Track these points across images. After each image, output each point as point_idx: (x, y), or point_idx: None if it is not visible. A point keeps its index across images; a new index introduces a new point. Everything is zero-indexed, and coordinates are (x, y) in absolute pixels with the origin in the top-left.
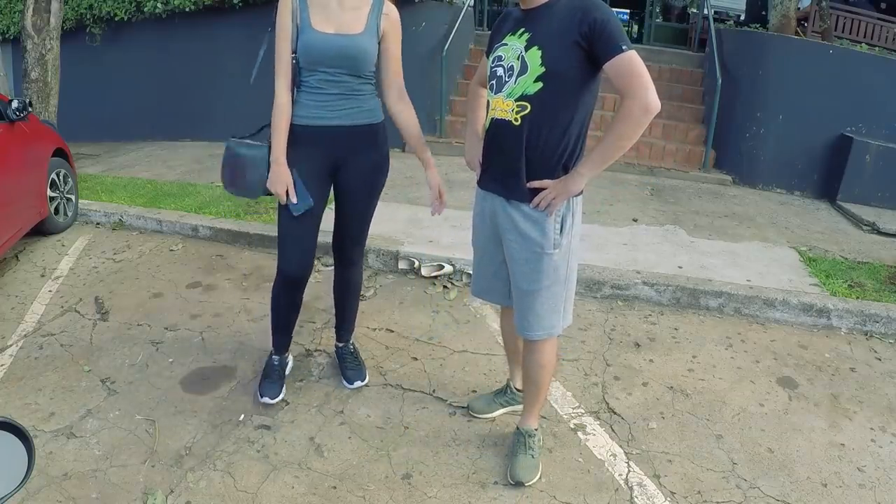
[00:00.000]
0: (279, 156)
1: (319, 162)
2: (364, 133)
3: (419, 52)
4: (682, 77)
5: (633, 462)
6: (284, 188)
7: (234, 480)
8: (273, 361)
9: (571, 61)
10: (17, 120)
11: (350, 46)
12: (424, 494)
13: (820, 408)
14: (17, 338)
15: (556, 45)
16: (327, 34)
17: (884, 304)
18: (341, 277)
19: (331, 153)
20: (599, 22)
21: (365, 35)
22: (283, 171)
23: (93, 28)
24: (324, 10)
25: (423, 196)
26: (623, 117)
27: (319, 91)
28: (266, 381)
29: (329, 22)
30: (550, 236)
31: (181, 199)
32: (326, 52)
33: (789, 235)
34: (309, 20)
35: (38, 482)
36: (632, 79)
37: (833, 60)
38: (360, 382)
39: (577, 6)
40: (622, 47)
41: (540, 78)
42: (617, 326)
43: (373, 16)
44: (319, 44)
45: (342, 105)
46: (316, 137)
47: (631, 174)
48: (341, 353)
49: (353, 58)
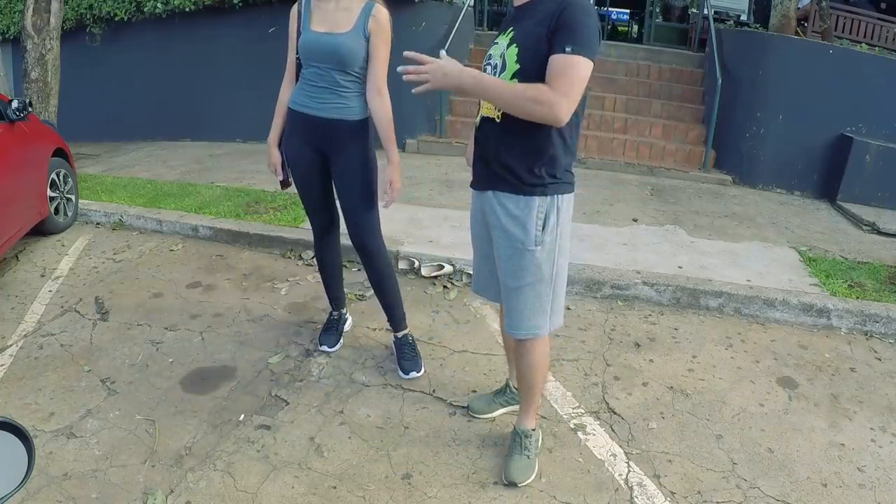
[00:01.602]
0: (271, 138)
1: (307, 145)
2: (346, 128)
3: (419, 51)
4: (682, 77)
5: (633, 462)
6: (273, 167)
7: (234, 480)
8: (333, 316)
9: (543, 58)
10: (17, 120)
11: (336, 44)
12: (424, 494)
13: (820, 408)
14: (17, 338)
15: (531, 43)
16: (319, 33)
17: (884, 304)
18: (370, 268)
19: (313, 141)
20: (568, 18)
21: (351, 34)
22: (273, 152)
23: (93, 28)
24: (322, 12)
25: (423, 196)
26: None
27: (310, 83)
28: (325, 333)
29: (324, 22)
30: (532, 233)
31: (181, 199)
32: (316, 49)
33: (789, 235)
34: (309, 22)
35: (38, 482)
36: (559, 80)
37: (833, 60)
38: (415, 373)
39: (559, 3)
40: (566, 48)
41: (515, 75)
42: (617, 326)
43: (361, 16)
44: (312, 42)
45: (325, 98)
46: (301, 123)
47: (631, 174)
48: (397, 343)
49: (337, 55)
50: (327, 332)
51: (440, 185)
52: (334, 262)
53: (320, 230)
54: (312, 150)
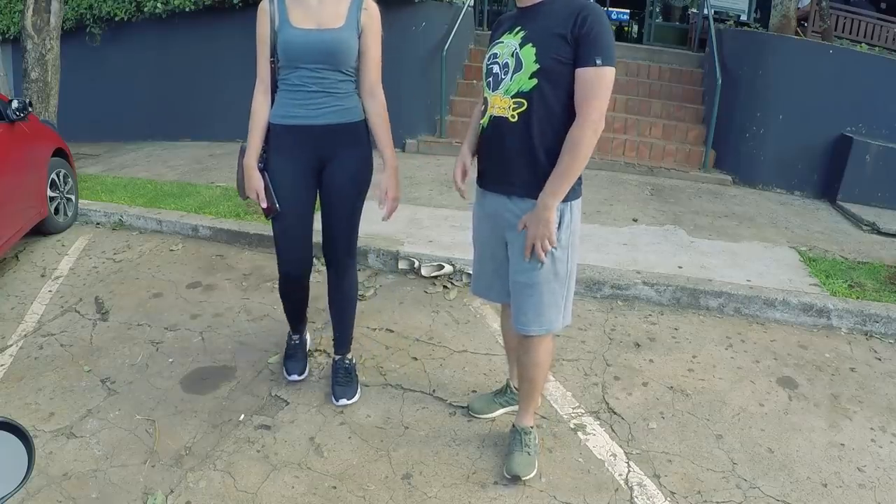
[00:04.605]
0: (250, 161)
1: (303, 163)
2: (346, 132)
3: (419, 52)
4: (682, 77)
5: (633, 462)
6: (255, 193)
7: (234, 480)
8: (293, 341)
9: (564, 59)
10: (17, 120)
11: (331, 41)
12: (424, 494)
13: (820, 408)
14: (17, 338)
15: (551, 43)
16: (307, 30)
17: (884, 304)
18: (336, 287)
19: (314, 153)
20: (592, 27)
21: (345, 29)
22: (253, 175)
23: (93, 28)
24: (302, 7)
25: (423, 196)
26: (576, 142)
27: (300, 89)
28: (290, 361)
29: (308, 18)
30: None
31: (181, 199)
32: (307, 47)
33: (789, 235)
34: (288, 18)
35: (38, 482)
36: (592, 93)
37: (833, 60)
38: (345, 401)
39: (576, 7)
40: (597, 60)
41: (535, 75)
42: (617, 326)
43: (353, 10)
44: (299, 40)
45: (324, 103)
46: (298, 137)
47: (631, 174)
48: (335, 366)
49: (334, 52)
50: (292, 358)
51: (440, 185)
52: (306, 296)
53: (294, 279)
54: (305, 166)
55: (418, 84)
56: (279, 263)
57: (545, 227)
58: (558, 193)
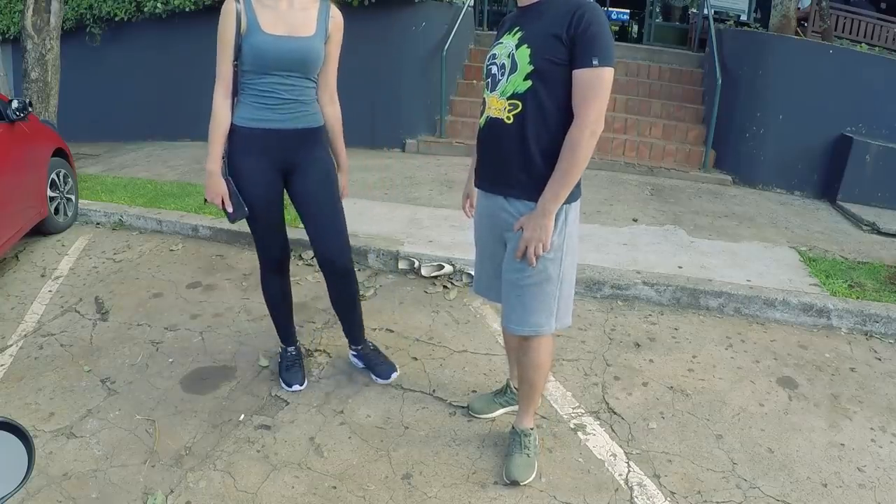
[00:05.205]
0: (213, 167)
1: (271, 163)
2: (313, 136)
3: (419, 52)
4: (682, 77)
5: (633, 462)
6: (219, 199)
7: (234, 480)
8: (288, 353)
9: (559, 60)
10: (17, 120)
11: (305, 49)
12: (424, 494)
13: (820, 408)
14: (17, 338)
15: (545, 44)
16: (279, 36)
17: (884, 304)
18: (339, 291)
19: (281, 155)
20: (588, 27)
21: (316, 37)
22: (216, 181)
23: (93, 28)
24: (272, 11)
25: (423, 196)
26: (574, 145)
27: (270, 95)
28: (288, 372)
29: (279, 23)
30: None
31: (181, 199)
32: (279, 54)
33: (789, 235)
34: (257, 22)
35: (38, 482)
36: (589, 95)
37: (833, 60)
38: (395, 374)
39: (572, 6)
40: (594, 61)
41: (529, 76)
42: (617, 326)
43: (321, 18)
44: (270, 46)
45: (294, 109)
46: (267, 140)
47: (631, 174)
48: (363, 354)
49: (306, 61)
50: (291, 370)
51: (440, 185)
52: (289, 296)
53: (279, 262)
54: (273, 168)
55: (418, 84)
56: (259, 251)
57: (542, 232)
58: (559, 197)
